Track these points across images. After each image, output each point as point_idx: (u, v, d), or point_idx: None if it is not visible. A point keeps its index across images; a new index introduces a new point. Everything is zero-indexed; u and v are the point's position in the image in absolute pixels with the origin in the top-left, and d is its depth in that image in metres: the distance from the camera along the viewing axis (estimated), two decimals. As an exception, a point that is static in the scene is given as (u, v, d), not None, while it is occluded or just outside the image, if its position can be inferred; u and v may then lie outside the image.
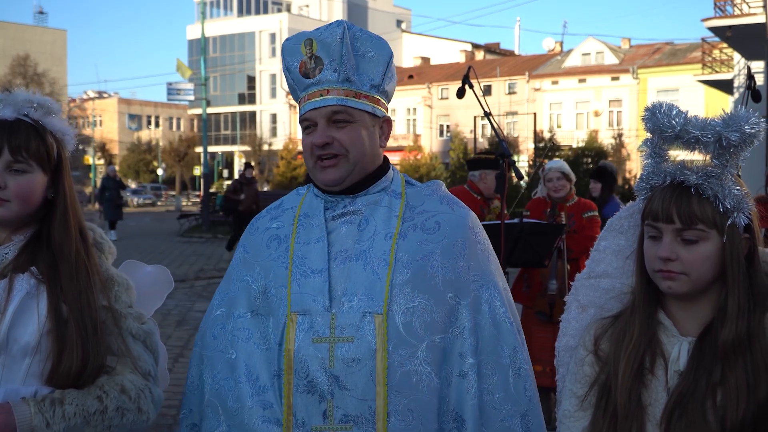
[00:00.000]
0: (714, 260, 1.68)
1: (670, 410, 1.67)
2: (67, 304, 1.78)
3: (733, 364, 1.65)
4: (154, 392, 1.86)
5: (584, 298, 1.94)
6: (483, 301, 1.94)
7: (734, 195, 1.67)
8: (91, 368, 1.76)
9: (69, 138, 1.90)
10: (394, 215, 1.95)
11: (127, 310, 1.89)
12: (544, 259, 5.08)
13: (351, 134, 1.92)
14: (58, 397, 1.72)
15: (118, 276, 1.93)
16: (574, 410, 1.83)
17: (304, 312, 1.87)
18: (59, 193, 1.87)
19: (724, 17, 19.78)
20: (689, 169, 1.69)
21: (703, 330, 1.71)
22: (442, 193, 2.05)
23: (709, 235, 1.68)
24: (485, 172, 5.46)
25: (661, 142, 1.73)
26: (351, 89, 1.92)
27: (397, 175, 2.07)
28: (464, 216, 2.01)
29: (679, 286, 1.70)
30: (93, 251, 1.90)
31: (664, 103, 1.73)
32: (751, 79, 4.07)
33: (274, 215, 2.07)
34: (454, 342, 1.90)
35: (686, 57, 42.15)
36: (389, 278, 1.87)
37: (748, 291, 1.69)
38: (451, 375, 1.88)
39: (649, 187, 1.76)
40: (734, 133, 1.65)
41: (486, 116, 4.14)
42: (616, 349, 1.77)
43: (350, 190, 1.96)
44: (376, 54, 1.96)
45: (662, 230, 1.70)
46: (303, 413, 1.84)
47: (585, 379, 1.83)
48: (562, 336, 1.96)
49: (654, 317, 1.77)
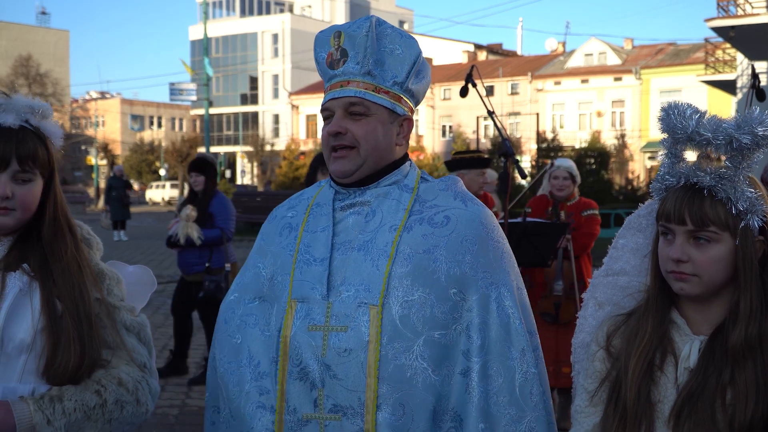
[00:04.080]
0: (726, 262, 1.68)
1: (679, 408, 1.68)
2: (61, 299, 1.78)
3: (743, 364, 1.65)
4: (150, 384, 1.87)
5: (601, 295, 1.94)
6: (492, 299, 1.88)
7: (747, 197, 1.66)
8: (89, 361, 1.77)
9: (59, 140, 1.92)
10: (402, 208, 1.95)
11: (119, 302, 1.90)
12: (548, 259, 5.06)
13: (365, 128, 1.92)
14: (57, 394, 1.72)
15: (108, 270, 1.94)
16: (584, 406, 1.84)
17: (303, 299, 1.89)
18: (50, 191, 1.88)
19: (728, 17, 19.74)
20: (703, 171, 1.69)
21: (715, 330, 1.72)
22: (457, 189, 2.02)
23: (722, 237, 1.67)
24: (462, 173, 5.43)
25: (674, 142, 1.73)
26: (371, 83, 1.93)
27: (414, 170, 2.05)
28: (477, 212, 1.96)
29: (691, 287, 1.70)
30: (82, 246, 1.91)
31: (679, 104, 1.72)
32: (756, 78, 4.04)
33: (291, 204, 2.12)
34: (457, 339, 1.86)
35: (689, 57, 42.10)
36: (388, 270, 1.86)
37: (761, 293, 1.68)
38: (453, 373, 1.85)
39: (664, 187, 1.76)
40: (746, 135, 1.64)
41: (489, 115, 4.11)
42: (628, 345, 1.78)
43: (360, 182, 1.96)
44: (404, 52, 1.97)
45: (675, 231, 1.70)
46: (295, 400, 1.85)
47: (596, 374, 1.83)
48: (579, 332, 1.97)
49: (667, 316, 1.77)
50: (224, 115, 59.55)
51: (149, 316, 9.01)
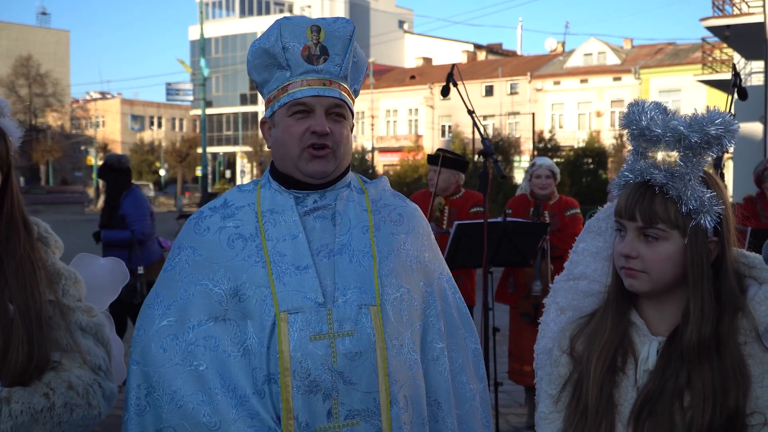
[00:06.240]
0: (675, 261, 1.68)
1: (638, 409, 1.68)
2: (12, 300, 1.76)
3: (698, 367, 1.64)
4: (104, 386, 1.83)
5: (563, 300, 1.94)
6: (446, 288, 2.06)
7: (698, 196, 1.65)
8: (36, 363, 1.75)
9: (16, 138, 1.89)
10: (363, 209, 1.98)
11: (75, 303, 1.87)
12: (529, 259, 5.07)
13: (343, 131, 1.93)
14: (5, 396, 1.70)
15: (66, 270, 1.91)
16: (548, 412, 1.84)
17: (296, 310, 1.82)
18: (6, 190, 1.86)
19: (723, 17, 19.70)
20: (657, 168, 1.68)
21: (673, 331, 1.71)
22: (389, 188, 2.14)
23: (670, 235, 1.67)
24: (441, 169, 5.43)
25: (632, 138, 1.74)
26: (347, 87, 1.95)
27: (351, 173, 2.08)
28: (416, 208, 2.11)
29: (640, 284, 1.70)
30: (38, 245, 1.88)
31: (644, 101, 1.73)
32: (737, 77, 4.04)
33: (224, 214, 1.95)
34: (427, 329, 1.98)
35: (688, 57, 42.05)
36: (376, 270, 1.89)
37: (711, 294, 1.66)
38: (426, 360, 1.95)
39: (623, 183, 1.76)
40: (695, 134, 1.63)
41: (470, 114, 4.12)
42: (590, 345, 1.78)
43: (321, 186, 1.96)
44: (360, 61, 2.00)
45: (626, 227, 1.71)
46: (306, 415, 1.79)
47: (559, 379, 1.83)
48: (541, 338, 1.97)
49: (626, 316, 1.77)
50: (224, 115, 59.55)
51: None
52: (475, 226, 4.53)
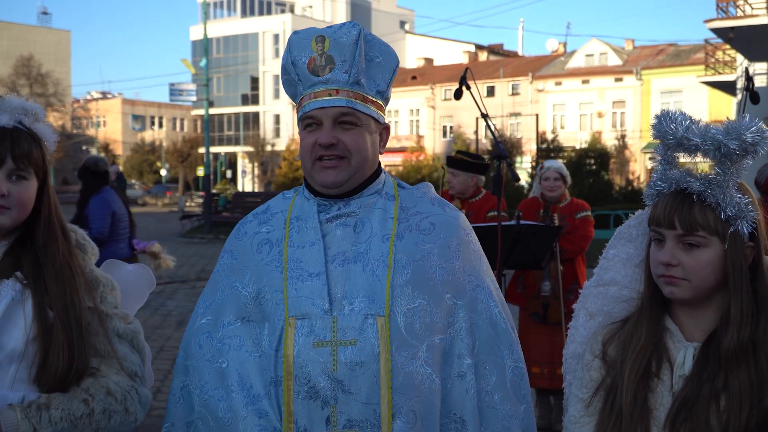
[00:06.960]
0: (715, 267, 1.70)
1: (674, 414, 1.70)
2: (52, 306, 1.78)
3: (736, 370, 1.67)
4: (140, 393, 1.86)
5: (592, 305, 1.95)
6: (479, 301, 1.95)
7: (736, 203, 1.69)
8: (77, 369, 1.77)
9: (52, 143, 1.92)
10: (389, 217, 1.95)
11: (112, 310, 1.89)
12: (542, 261, 5.07)
13: (356, 138, 1.91)
14: (44, 402, 1.72)
15: (103, 277, 1.93)
16: (579, 416, 1.85)
17: (303, 316, 1.84)
18: (44, 196, 1.87)
19: (727, 18, 19.71)
20: (693, 176, 1.72)
21: (708, 336, 1.73)
22: (432, 195, 2.07)
23: (711, 241, 1.70)
24: (458, 172, 5.44)
25: (665, 148, 1.76)
26: (360, 93, 1.91)
27: (389, 178, 2.06)
28: (456, 217, 2.03)
29: (681, 291, 1.72)
30: (76, 252, 1.90)
31: (671, 110, 1.76)
32: (750, 81, 4.03)
33: (262, 219, 2.03)
34: (453, 343, 1.90)
35: (690, 58, 42.04)
36: (389, 280, 1.87)
37: (751, 299, 1.70)
38: (451, 376, 1.89)
39: (656, 193, 1.78)
40: (734, 141, 1.66)
41: (483, 117, 4.10)
42: (623, 351, 1.80)
43: (345, 194, 1.95)
44: (384, 60, 1.97)
45: (665, 236, 1.73)
46: (305, 420, 1.81)
47: (591, 384, 1.84)
48: (570, 343, 1.98)
49: (661, 323, 1.79)
50: (225, 115, 59.54)
51: (147, 318, 9.08)
52: (488, 229, 4.52)
